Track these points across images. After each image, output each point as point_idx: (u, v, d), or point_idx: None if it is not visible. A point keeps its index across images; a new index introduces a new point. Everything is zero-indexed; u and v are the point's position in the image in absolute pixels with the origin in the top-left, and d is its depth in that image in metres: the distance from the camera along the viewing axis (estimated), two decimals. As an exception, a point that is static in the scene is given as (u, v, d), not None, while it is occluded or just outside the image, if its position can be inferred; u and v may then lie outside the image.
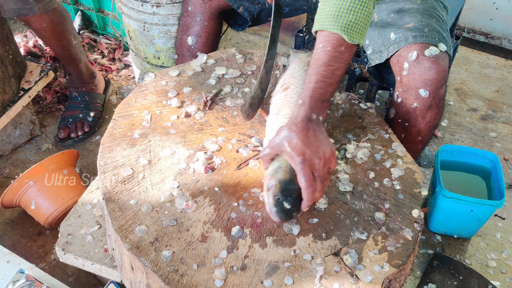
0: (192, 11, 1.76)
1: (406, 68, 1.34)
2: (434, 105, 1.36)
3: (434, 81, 1.31)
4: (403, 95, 1.38)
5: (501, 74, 2.64)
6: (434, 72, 1.30)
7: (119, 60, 2.57)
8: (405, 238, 1.11)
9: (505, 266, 1.69)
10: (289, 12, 1.80)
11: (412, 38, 1.34)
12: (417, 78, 1.32)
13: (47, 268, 1.63)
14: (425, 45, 1.32)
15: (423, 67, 1.31)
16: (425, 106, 1.36)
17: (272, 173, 1.08)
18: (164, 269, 1.03)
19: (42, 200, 1.63)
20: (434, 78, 1.31)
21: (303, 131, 1.05)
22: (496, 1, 2.85)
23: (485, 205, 1.61)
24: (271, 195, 1.05)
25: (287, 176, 1.06)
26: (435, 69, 1.30)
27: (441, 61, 1.31)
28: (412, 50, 1.33)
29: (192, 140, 1.29)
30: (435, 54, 1.30)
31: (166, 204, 1.14)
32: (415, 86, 1.34)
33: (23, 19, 1.86)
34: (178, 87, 1.44)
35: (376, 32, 1.45)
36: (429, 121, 1.40)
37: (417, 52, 1.31)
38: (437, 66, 1.30)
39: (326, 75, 1.11)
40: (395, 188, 1.21)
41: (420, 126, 1.41)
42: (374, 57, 1.46)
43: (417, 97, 1.35)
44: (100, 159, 1.24)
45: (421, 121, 1.39)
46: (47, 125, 2.19)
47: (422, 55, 1.31)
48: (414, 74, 1.33)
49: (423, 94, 1.33)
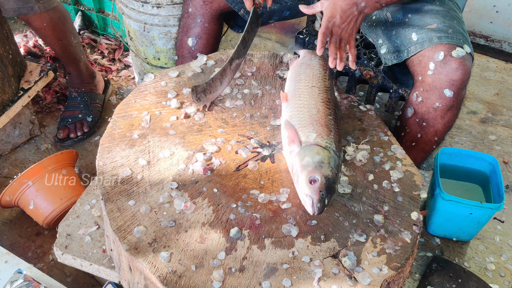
0: (193, 12, 1.76)
1: (431, 68, 1.36)
2: (455, 106, 1.39)
3: (460, 82, 1.34)
4: (425, 95, 1.39)
5: (501, 77, 2.64)
6: (461, 73, 1.33)
7: (119, 61, 2.57)
8: (404, 241, 1.11)
9: (504, 269, 1.69)
10: (290, 15, 1.81)
11: (437, 38, 1.36)
12: (443, 78, 1.34)
13: (45, 268, 1.63)
14: (451, 46, 1.35)
15: (450, 68, 1.33)
16: (447, 106, 1.38)
17: (314, 165, 1.11)
18: (162, 270, 1.02)
19: (41, 200, 1.63)
20: (460, 79, 1.33)
21: (347, 5, 1.30)
22: (496, 4, 2.85)
23: (484, 208, 1.60)
24: (317, 189, 1.08)
25: (330, 173, 1.10)
26: (461, 69, 1.32)
27: (467, 62, 1.34)
28: (439, 50, 1.35)
29: (191, 141, 1.29)
30: (462, 55, 1.33)
31: (164, 205, 1.14)
32: (440, 86, 1.36)
33: (24, 18, 1.86)
34: (178, 88, 1.44)
35: (394, 32, 1.45)
36: (447, 121, 1.42)
37: (444, 53, 1.34)
38: (464, 67, 1.33)
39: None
40: (394, 190, 1.21)
41: (438, 126, 1.43)
42: (391, 57, 1.47)
43: (440, 96, 1.37)
44: (99, 160, 1.24)
45: (440, 121, 1.42)
46: (47, 125, 2.18)
47: (450, 55, 1.33)
48: (440, 74, 1.35)
49: (448, 94, 1.35)
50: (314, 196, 1.08)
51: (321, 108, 1.24)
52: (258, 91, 1.45)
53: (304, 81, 1.33)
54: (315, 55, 1.43)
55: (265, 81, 1.49)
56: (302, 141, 1.17)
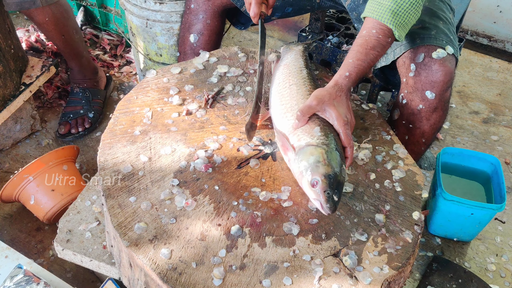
0: (195, 8, 1.75)
1: (413, 70, 1.34)
2: (439, 108, 1.36)
3: (441, 83, 1.32)
4: (409, 97, 1.38)
5: (504, 78, 2.64)
6: (441, 75, 1.31)
7: (121, 57, 2.56)
8: (405, 240, 1.11)
9: (505, 270, 1.69)
10: (292, 12, 1.80)
11: (420, 40, 1.34)
12: (424, 80, 1.33)
13: (45, 264, 1.63)
14: (432, 48, 1.33)
15: (430, 69, 1.32)
16: (430, 108, 1.36)
17: (311, 168, 1.09)
18: (162, 267, 1.02)
19: (41, 196, 1.63)
20: (441, 80, 1.32)
21: (347, 99, 1.20)
22: (500, 4, 2.84)
23: (486, 209, 1.60)
24: (321, 191, 1.06)
25: (329, 170, 1.08)
26: (442, 71, 1.31)
27: (448, 63, 1.32)
28: (420, 52, 1.33)
29: (193, 138, 1.28)
30: (443, 57, 1.31)
31: (165, 202, 1.14)
32: (421, 88, 1.34)
33: (26, 12, 1.86)
34: (180, 85, 1.44)
35: None
36: (433, 123, 1.40)
37: (424, 54, 1.32)
38: (444, 68, 1.31)
39: (371, 58, 1.23)
40: (395, 190, 1.21)
41: (424, 128, 1.41)
42: (380, 60, 1.46)
43: (423, 99, 1.35)
44: (100, 156, 1.23)
45: (425, 123, 1.40)
46: (48, 120, 2.18)
47: (430, 57, 1.32)
48: (421, 76, 1.33)
49: (429, 96, 1.34)
50: (320, 199, 1.06)
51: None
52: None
53: (282, 82, 1.32)
54: (290, 49, 1.44)
55: (267, 78, 1.49)
56: (295, 146, 1.15)
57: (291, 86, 1.29)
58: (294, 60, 1.40)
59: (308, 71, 1.36)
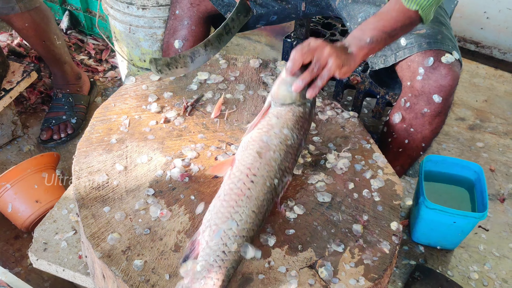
0: (180, 14, 1.74)
1: (421, 73, 1.35)
2: (443, 112, 1.39)
3: (448, 88, 1.34)
4: (413, 100, 1.39)
5: (490, 84, 2.64)
6: (450, 79, 1.33)
7: (106, 62, 2.54)
8: (383, 251, 1.10)
9: (487, 279, 1.68)
10: (277, 20, 1.79)
11: (426, 44, 1.35)
12: (433, 83, 1.34)
13: (22, 273, 1.60)
14: (440, 52, 1.34)
15: (439, 74, 1.33)
16: (435, 112, 1.38)
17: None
18: (135, 279, 1.00)
19: (19, 203, 1.60)
20: (449, 85, 1.33)
21: (344, 50, 1.17)
22: (487, 10, 2.84)
23: (468, 217, 1.59)
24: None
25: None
26: (451, 76, 1.33)
27: (456, 68, 1.34)
28: (428, 56, 1.34)
29: (170, 147, 1.27)
30: (451, 62, 1.33)
31: (140, 212, 1.12)
32: (428, 91, 1.35)
33: (5, 18, 1.83)
34: (159, 92, 1.42)
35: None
36: (435, 127, 1.42)
37: (433, 59, 1.33)
38: (453, 73, 1.33)
39: (387, 33, 1.21)
40: (374, 199, 1.20)
41: (426, 132, 1.43)
42: (378, 61, 1.46)
43: (429, 102, 1.36)
44: (75, 164, 1.21)
45: (428, 127, 1.41)
46: (30, 126, 2.16)
47: (439, 61, 1.33)
48: (430, 80, 1.34)
49: (437, 100, 1.35)
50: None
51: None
52: (240, 96, 1.43)
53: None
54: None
55: (248, 86, 1.47)
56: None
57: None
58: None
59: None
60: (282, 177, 1.09)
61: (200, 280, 0.95)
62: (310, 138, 1.33)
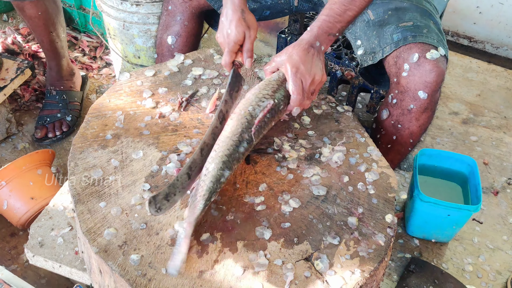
0: (172, 10, 1.74)
1: (406, 70, 1.35)
2: (429, 108, 1.38)
3: (434, 84, 1.34)
4: (399, 97, 1.39)
5: (483, 78, 2.65)
6: (435, 75, 1.33)
7: (100, 59, 2.54)
8: (378, 244, 1.10)
9: (481, 271, 1.70)
10: (270, 15, 1.79)
11: (412, 37, 1.35)
12: (417, 80, 1.34)
13: (19, 270, 1.60)
14: (425, 47, 1.34)
15: (424, 70, 1.33)
16: (421, 108, 1.38)
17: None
18: (131, 273, 1.01)
19: (15, 201, 1.60)
20: (434, 81, 1.33)
21: (303, 51, 1.23)
22: (479, 5, 2.86)
23: (462, 210, 1.61)
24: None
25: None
26: (435, 72, 1.32)
27: (441, 64, 1.34)
28: (413, 51, 1.34)
29: (165, 142, 1.27)
30: (436, 58, 1.33)
31: (136, 207, 1.12)
32: (414, 87, 1.35)
33: (18, 5, 1.82)
34: (154, 88, 1.42)
35: (375, 33, 1.44)
36: (422, 123, 1.42)
37: (418, 55, 1.34)
38: (437, 69, 1.32)
39: (338, 12, 1.28)
40: (369, 192, 1.20)
41: (413, 128, 1.43)
42: (366, 58, 1.46)
43: (414, 98, 1.36)
44: (70, 160, 1.21)
45: (415, 123, 1.41)
46: (25, 123, 2.15)
47: (424, 57, 1.33)
48: (415, 76, 1.34)
49: (422, 96, 1.35)
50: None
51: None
52: (235, 91, 1.44)
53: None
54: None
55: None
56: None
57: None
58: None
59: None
60: (258, 103, 1.19)
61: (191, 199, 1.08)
62: (305, 132, 1.34)
